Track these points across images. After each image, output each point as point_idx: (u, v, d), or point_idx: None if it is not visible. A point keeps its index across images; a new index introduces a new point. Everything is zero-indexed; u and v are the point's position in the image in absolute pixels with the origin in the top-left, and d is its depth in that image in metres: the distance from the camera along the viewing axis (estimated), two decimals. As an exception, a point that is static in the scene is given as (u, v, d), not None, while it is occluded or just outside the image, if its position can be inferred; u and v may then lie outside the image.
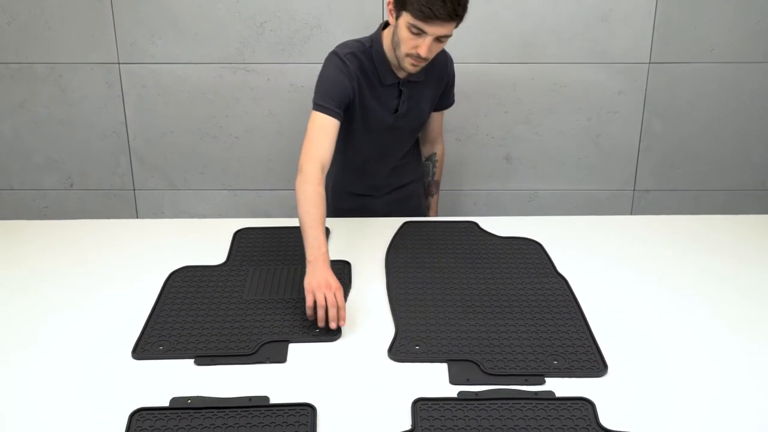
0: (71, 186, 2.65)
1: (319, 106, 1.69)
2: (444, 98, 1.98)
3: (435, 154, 2.11)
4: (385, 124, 1.84)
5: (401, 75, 1.79)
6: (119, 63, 2.48)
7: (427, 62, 1.68)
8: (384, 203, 2.01)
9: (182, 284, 1.53)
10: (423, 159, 2.13)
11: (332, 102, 1.70)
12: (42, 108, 2.54)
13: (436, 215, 2.19)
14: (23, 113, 2.55)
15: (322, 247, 1.47)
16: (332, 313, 1.36)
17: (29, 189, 2.66)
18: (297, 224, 1.79)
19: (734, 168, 2.63)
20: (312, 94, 1.73)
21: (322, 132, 1.67)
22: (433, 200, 2.17)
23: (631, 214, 2.67)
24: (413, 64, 1.66)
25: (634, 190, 2.65)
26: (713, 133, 2.58)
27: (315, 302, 1.37)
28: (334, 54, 1.77)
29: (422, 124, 1.96)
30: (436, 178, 2.14)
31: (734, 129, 2.57)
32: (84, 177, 2.64)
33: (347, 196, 2.01)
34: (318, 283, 1.39)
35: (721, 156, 2.61)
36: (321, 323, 1.36)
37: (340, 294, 1.38)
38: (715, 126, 2.57)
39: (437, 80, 1.89)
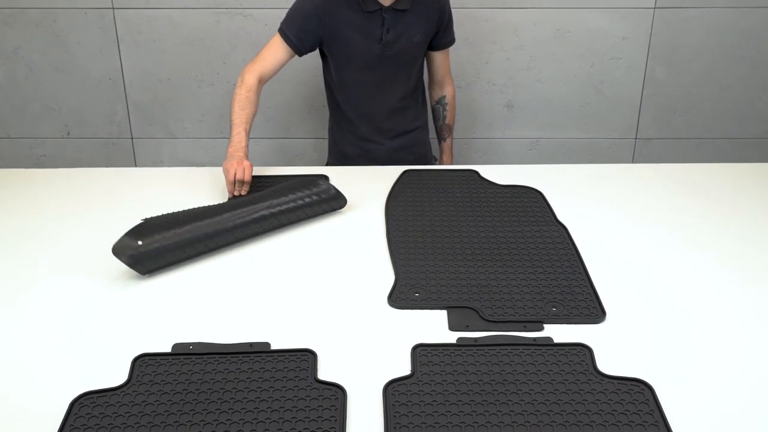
0: (68, 134, 2.63)
1: (280, 30, 1.85)
2: (443, 35, 1.95)
3: (444, 96, 2.08)
4: (372, 55, 1.83)
5: (385, 2, 1.78)
6: (113, 8, 2.43)
7: None
8: (388, 150, 2.00)
9: (182, 232, 1.52)
10: (433, 103, 2.10)
11: (291, 30, 1.83)
12: (36, 54, 2.50)
13: (451, 160, 2.16)
14: (17, 60, 2.51)
15: (242, 142, 1.72)
16: (237, 188, 1.63)
17: (26, 137, 2.64)
18: (297, 172, 1.80)
19: (737, 116, 2.60)
20: None
21: (272, 52, 1.86)
22: (445, 144, 2.14)
23: (632, 162, 2.66)
24: None
25: (635, 138, 2.64)
26: (717, 81, 2.55)
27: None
28: None
29: (415, 59, 1.93)
30: (447, 121, 2.11)
31: (739, 76, 2.54)
32: (81, 125, 2.62)
33: (351, 140, 2.00)
34: (232, 163, 1.63)
35: (725, 104, 2.58)
36: (230, 195, 1.63)
37: (249, 170, 1.63)
38: (720, 73, 2.53)
39: (427, 12, 1.87)
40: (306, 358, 1.14)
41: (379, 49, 1.83)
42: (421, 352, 1.16)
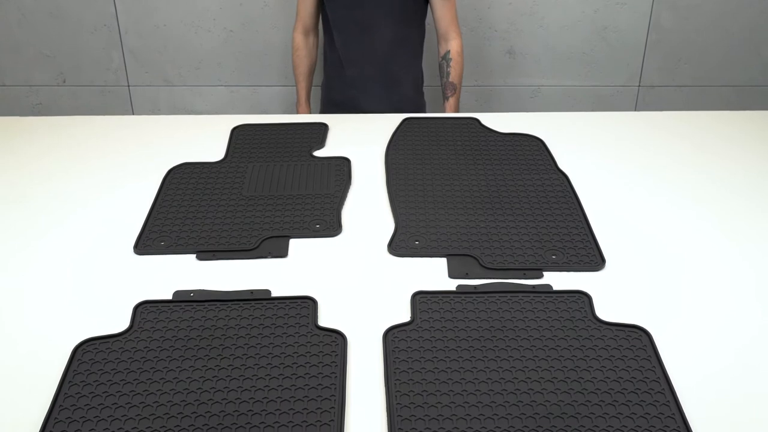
0: (64, 82, 2.60)
1: None
2: None
3: (448, 51, 2.01)
4: None
5: None
6: (106, -50, 2.37)
7: None
8: (373, 99, 1.97)
9: (181, 181, 1.52)
10: (439, 59, 2.05)
11: None
12: (28, -1, 2.45)
13: None
14: (8, 4, 2.46)
15: (300, 98, 2.08)
16: None
17: (21, 85, 2.61)
18: (295, 120, 1.78)
19: (742, 63, 2.57)
20: None
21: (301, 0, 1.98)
22: (448, 104, 2.03)
23: (635, 110, 2.63)
24: None
25: (639, 86, 2.60)
26: (723, 27, 2.50)
27: None
28: None
29: (401, 1, 1.91)
30: (450, 78, 2.01)
31: (745, 22, 2.49)
32: (77, 72, 2.58)
33: (339, 86, 1.99)
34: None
35: (730, 50, 2.54)
36: None
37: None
38: (726, 19, 2.49)
39: None
40: (306, 305, 1.15)
41: None
42: (420, 299, 1.16)
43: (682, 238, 1.34)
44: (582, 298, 1.16)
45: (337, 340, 1.08)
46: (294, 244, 1.33)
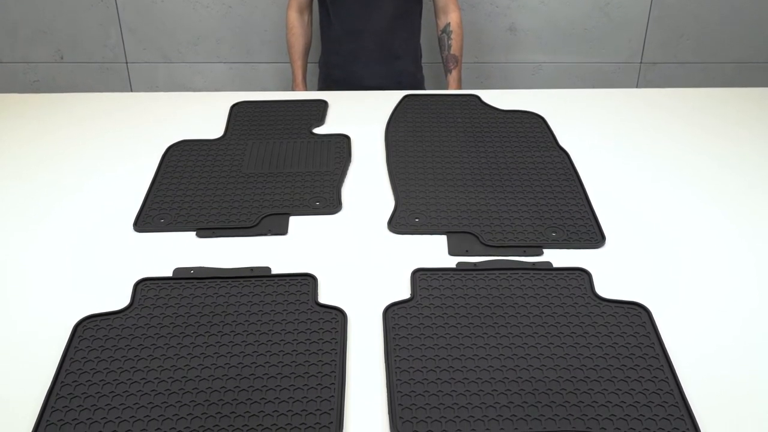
0: (62, 59, 2.58)
1: None
2: None
3: (449, 24, 2.01)
4: None
5: None
6: (102, -75, 2.34)
7: None
8: (372, 74, 1.97)
9: (180, 158, 1.51)
10: (438, 32, 2.05)
11: None
12: (24, -26, 2.43)
13: None
14: (5, -20, 2.44)
15: (296, 78, 2.07)
16: None
17: (19, 62, 2.59)
18: (294, 97, 1.77)
19: (745, 39, 2.54)
20: None
21: None
22: (451, 77, 2.05)
23: (636, 87, 2.62)
24: None
25: (641, 63, 2.59)
26: (727, 2, 2.47)
27: None
28: None
29: None
30: (452, 51, 2.03)
31: (749, -3, 2.47)
32: (74, 49, 2.56)
33: (337, 61, 1.98)
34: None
35: (733, 27, 2.52)
36: None
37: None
38: (730, -6, 2.46)
39: None
40: (306, 282, 1.15)
41: None
42: (420, 277, 1.16)
43: (682, 216, 1.34)
44: (582, 275, 1.17)
45: (337, 317, 1.08)
46: (294, 221, 1.33)
